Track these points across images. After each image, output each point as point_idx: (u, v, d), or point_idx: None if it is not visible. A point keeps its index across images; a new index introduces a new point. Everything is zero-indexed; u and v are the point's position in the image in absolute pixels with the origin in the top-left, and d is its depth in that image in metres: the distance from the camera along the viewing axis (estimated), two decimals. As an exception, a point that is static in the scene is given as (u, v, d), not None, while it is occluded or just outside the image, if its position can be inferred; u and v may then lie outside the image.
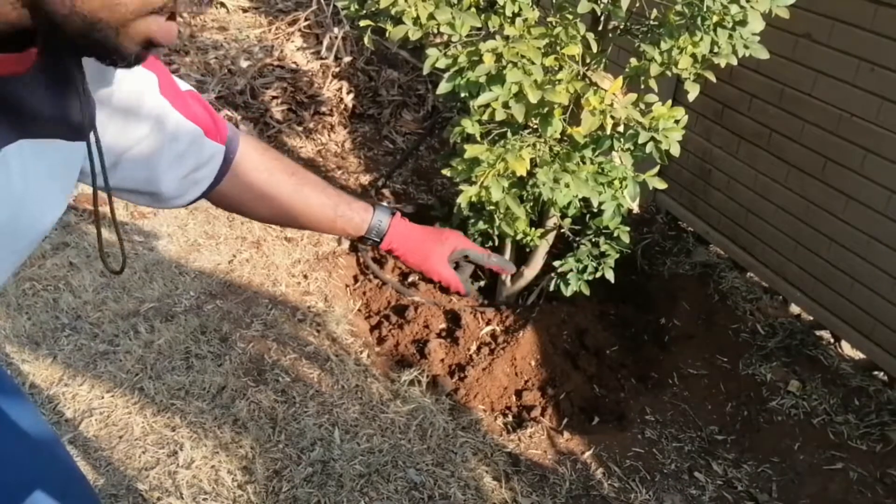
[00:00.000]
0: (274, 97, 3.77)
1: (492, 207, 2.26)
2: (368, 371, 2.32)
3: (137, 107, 0.85)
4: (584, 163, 2.02)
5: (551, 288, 2.48)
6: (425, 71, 1.84)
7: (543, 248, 2.49)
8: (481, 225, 2.44)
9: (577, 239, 2.41)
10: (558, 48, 1.83)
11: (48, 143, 0.72)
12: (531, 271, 2.56)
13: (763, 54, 1.83)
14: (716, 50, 1.81)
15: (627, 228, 2.30)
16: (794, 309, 2.63)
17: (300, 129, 3.67)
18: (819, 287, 2.48)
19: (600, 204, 2.06)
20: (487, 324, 2.54)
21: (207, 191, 0.98)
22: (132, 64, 0.65)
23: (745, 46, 1.81)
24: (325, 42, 4.07)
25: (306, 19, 4.24)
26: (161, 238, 2.81)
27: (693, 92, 1.91)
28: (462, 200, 1.94)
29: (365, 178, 3.40)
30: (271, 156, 1.04)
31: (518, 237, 2.39)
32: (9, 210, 0.69)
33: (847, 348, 2.48)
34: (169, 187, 0.93)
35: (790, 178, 2.49)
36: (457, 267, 1.20)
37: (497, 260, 1.22)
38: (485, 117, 1.86)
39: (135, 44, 0.63)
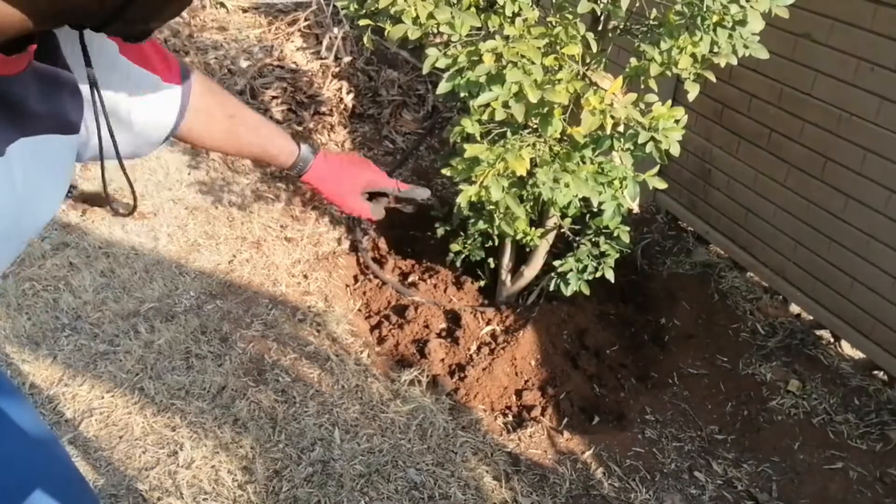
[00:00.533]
0: (274, 97, 3.76)
1: (492, 207, 2.26)
2: (368, 371, 2.32)
3: (116, 76, 0.87)
4: (584, 162, 2.02)
5: (551, 288, 2.48)
6: (425, 71, 1.84)
7: (543, 247, 2.49)
8: (481, 224, 2.44)
9: (577, 239, 2.41)
10: (558, 48, 1.83)
11: (44, 138, 0.73)
12: (531, 271, 2.56)
13: (763, 54, 1.83)
14: (715, 50, 1.81)
15: (627, 228, 2.30)
16: (794, 308, 2.63)
17: (300, 128, 3.66)
18: (819, 286, 2.48)
19: (600, 204, 2.06)
20: (487, 324, 2.54)
21: (171, 132, 1.01)
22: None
23: (745, 46, 1.81)
24: (325, 42, 4.06)
25: (306, 19, 4.24)
26: (161, 238, 2.81)
27: (693, 92, 1.90)
28: (462, 200, 1.94)
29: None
30: (213, 94, 1.09)
31: (518, 237, 2.39)
32: (14, 210, 0.70)
33: (847, 348, 2.48)
34: (144, 140, 0.97)
35: (790, 177, 2.49)
36: (371, 198, 1.35)
37: (408, 189, 1.37)
38: (485, 117, 1.86)
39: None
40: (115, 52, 0.86)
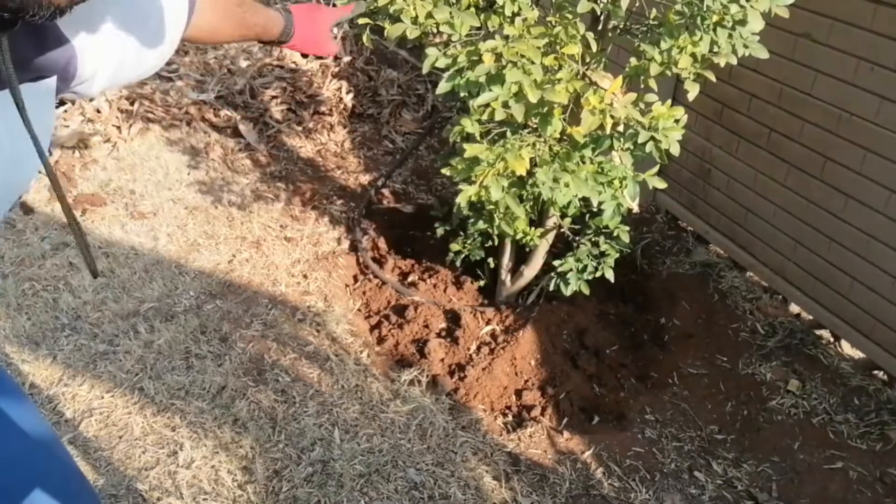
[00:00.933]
0: (273, 97, 3.76)
1: (491, 207, 2.26)
2: (368, 371, 2.32)
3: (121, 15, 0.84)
4: (583, 162, 2.02)
5: (551, 287, 2.48)
6: (424, 71, 1.84)
7: (543, 247, 2.49)
8: (481, 224, 2.44)
9: (577, 238, 2.41)
10: (558, 48, 1.83)
11: (22, 87, 0.71)
12: (531, 271, 2.56)
13: (763, 54, 1.83)
14: (715, 49, 1.81)
15: (627, 228, 2.30)
16: (794, 308, 2.63)
17: (300, 128, 3.67)
18: (819, 286, 2.48)
19: (600, 203, 2.06)
20: (487, 323, 2.54)
21: (182, 33, 1.00)
22: (53, 14, 0.61)
23: (745, 46, 1.81)
24: (325, 42, 4.06)
25: (306, 19, 4.23)
26: (160, 238, 2.81)
27: (693, 91, 1.90)
28: (461, 200, 1.94)
29: (364, 178, 3.40)
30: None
31: (518, 237, 2.39)
32: (2, 170, 0.70)
33: (847, 347, 2.48)
34: (156, 58, 0.95)
35: (790, 177, 2.49)
36: None
37: (354, 6, 1.51)
38: (484, 117, 1.86)
39: None
40: None
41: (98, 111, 3.43)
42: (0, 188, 0.73)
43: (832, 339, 2.51)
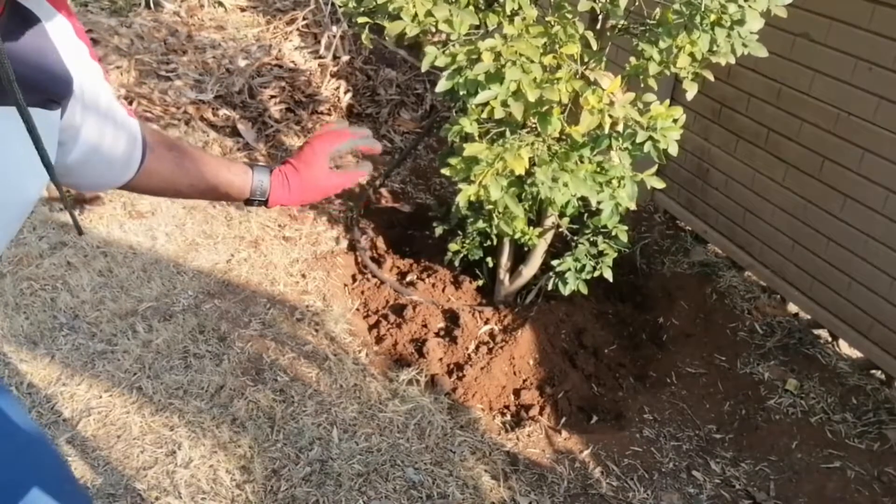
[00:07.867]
0: (272, 96, 3.76)
1: (490, 206, 2.26)
2: (367, 370, 2.32)
3: (107, 105, 0.88)
4: (582, 162, 2.02)
5: (550, 287, 2.48)
6: (423, 68, 1.84)
7: (542, 247, 2.49)
8: (480, 224, 2.44)
9: (576, 238, 2.41)
10: (557, 47, 1.83)
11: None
12: (529, 270, 2.56)
13: (762, 52, 1.83)
14: (714, 49, 1.81)
15: (626, 227, 2.30)
16: (792, 308, 2.64)
17: (298, 128, 3.66)
18: (817, 286, 2.48)
19: (598, 203, 2.06)
20: (486, 323, 2.54)
21: (139, 169, 0.99)
22: None
23: (744, 45, 1.81)
24: (324, 41, 4.06)
25: (304, 18, 4.23)
26: (159, 237, 2.80)
27: (691, 91, 1.91)
28: (461, 199, 1.94)
29: (363, 178, 3.40)
30: (156, 135, 1.06)
31: (516, 236, 2.39)
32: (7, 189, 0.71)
33: (845, 347, 2.48)
34: (118, 173, 0.96)
35: (788, 177, 2.49)
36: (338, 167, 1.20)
37: (364, 140, 1.22)
38: (483, 115, 1.85)
39: None
40: (100, 76, 0.88)
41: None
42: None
43: (830, 339, 2.51)
